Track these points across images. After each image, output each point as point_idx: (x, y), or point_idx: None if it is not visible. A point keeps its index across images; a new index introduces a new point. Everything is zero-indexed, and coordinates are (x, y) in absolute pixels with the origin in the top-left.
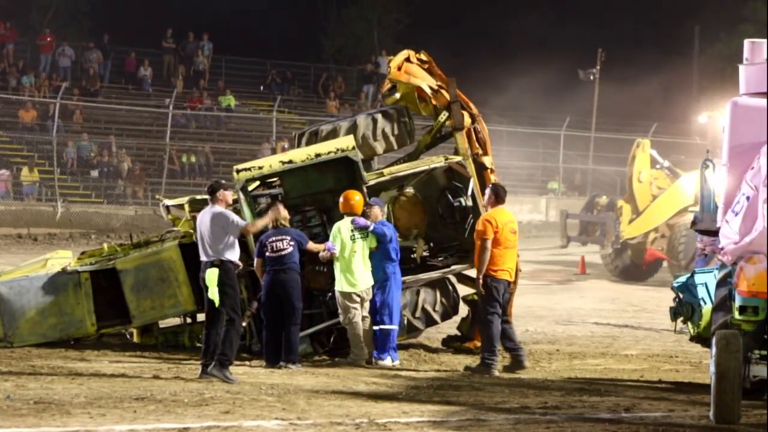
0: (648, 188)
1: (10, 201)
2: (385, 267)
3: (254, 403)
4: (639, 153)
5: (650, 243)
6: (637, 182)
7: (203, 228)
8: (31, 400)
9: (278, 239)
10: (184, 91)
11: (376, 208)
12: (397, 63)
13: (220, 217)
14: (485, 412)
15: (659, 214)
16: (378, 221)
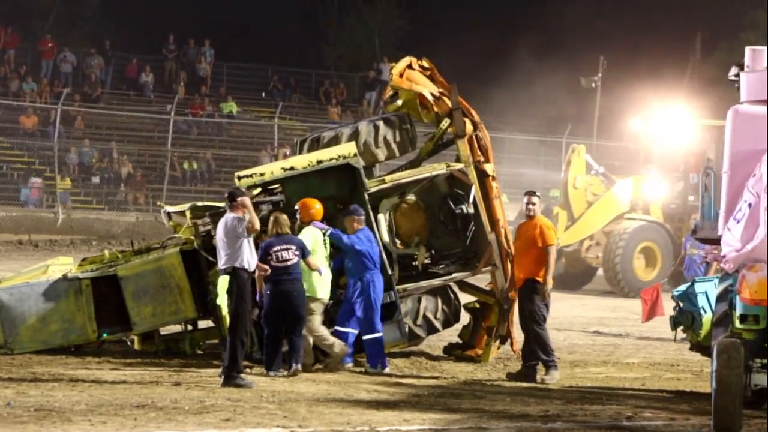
0: (583, 195)
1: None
2: (363, 275)
3: (255, 410)
4: (574, 158)
5: (585, 251)
6: (572, 188)
7: (219, 235)
8: (31, 407)
9: (283, 248)
10: (186, 97)
11: (353, 218)
12: (398, 70)
13: (233, 221)
14: (486, 420)
15: (595, 222)
16: (358, 230)
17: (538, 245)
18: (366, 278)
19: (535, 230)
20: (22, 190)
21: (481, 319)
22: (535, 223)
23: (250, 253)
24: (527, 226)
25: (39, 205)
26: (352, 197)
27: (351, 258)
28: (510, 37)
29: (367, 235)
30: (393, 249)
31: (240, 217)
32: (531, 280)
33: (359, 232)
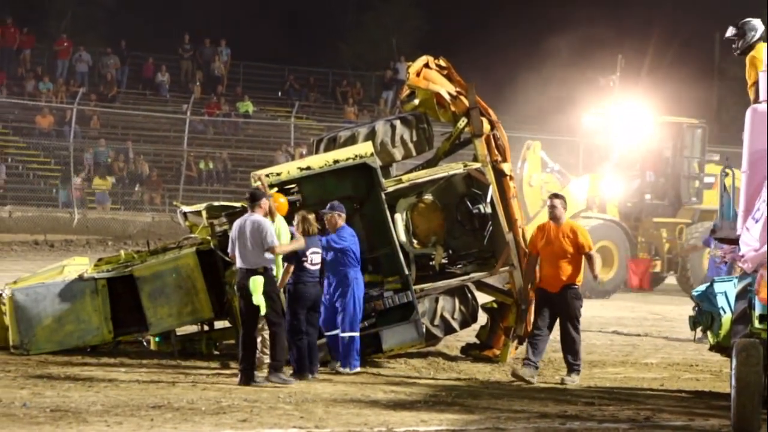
0: (539, 193)
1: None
2: (346, 272)
3: (272, 411)
4: (529, 155)
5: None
6: (527, 186)
7: (244, 235)
8: (47, 407)
9: (315, 252)
10: (202, 96)
11: (336, 215)
12: (415, 69)
13: (260, 228)
14: (504, 421)
15: None
16: (339, 227)
17: (575, 251)
18: (350, 276)
19: (570, 235)
20: (60, 191)
21: (498, 319)
22: (569, 228)
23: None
24: (559, 231)
25: (80, 206)
26: (368, 197)
27: (332, 256)
28: (527, 36)
29: (350, 232)
30: (410, 249)
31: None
32: (571, 285)
33: (340, 230)
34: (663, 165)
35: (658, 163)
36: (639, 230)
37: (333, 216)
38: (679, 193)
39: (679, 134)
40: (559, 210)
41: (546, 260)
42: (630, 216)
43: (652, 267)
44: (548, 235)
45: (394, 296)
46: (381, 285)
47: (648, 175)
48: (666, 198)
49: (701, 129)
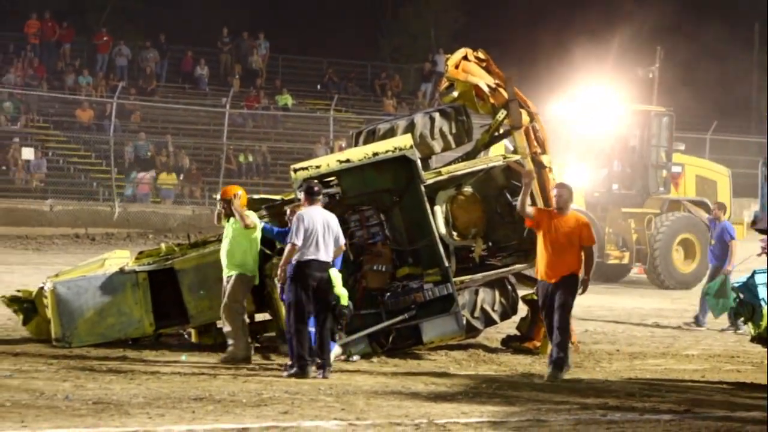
0: None
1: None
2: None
3: (313, 403)
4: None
5: None
6: None
7: (325, 226)
8: (89, 400)
9: None
10: (241, 90)
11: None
12: (454, 61)
13: (337, 224)
14: (545, 413)
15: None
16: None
17: (578, 243)
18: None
19: (575, 227)
20: (126, 185)
21: (538, 310)
22: (573, 219)
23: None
24: (564, 221)
25: (146, 200)
26: (408, 189)
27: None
28: (565, 27)
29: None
30: (450, 241)
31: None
32: (570, 275)
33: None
34: (630, 154)
35: (626, 152)
36: (607, 221)
37: (300, 208)
38: (647, 182)
39: (647, 123)
40: (563, 199)
41: (547, 249)
42: (597, 206)
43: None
44: (552, 222)
45: (434, 288)
46: (421, 277)
47: (615, 164)
48: (634, 188)
49: (668, 117)
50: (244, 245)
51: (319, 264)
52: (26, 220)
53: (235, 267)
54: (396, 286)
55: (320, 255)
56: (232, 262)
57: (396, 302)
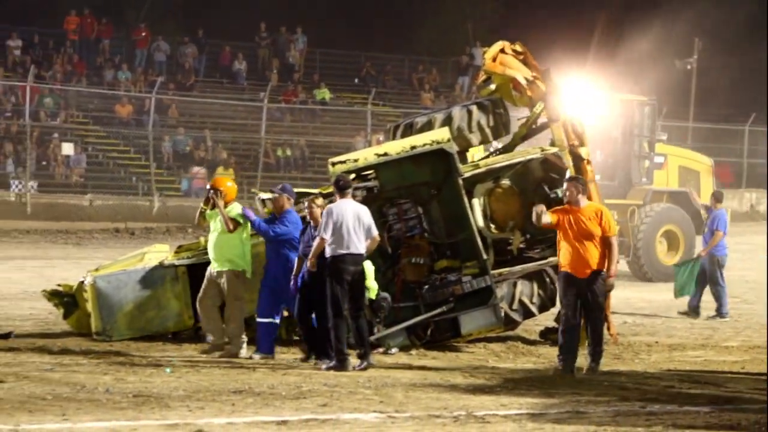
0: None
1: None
2: (288, 257)
3: (352, 396)
4: None
5: None
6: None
7: (357, 220)
8: (130, 393)
9: None
10: (279, 84)
11: (284, 197)
12: (492, 54)
13: (369, 217)
14: (584, 405)
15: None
16: (285, 211)
17: (600, 234)
18: (292, 261)
19: (595, 217)
20: (182, 180)
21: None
22: (592, 210)
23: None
24: (582, 213)
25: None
26: (445, 182)
27: (273, 240)
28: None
29: (294, 218)
30: (488, 234)
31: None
32: (600, 270)
33: (285, 214)
34: (612, 144)
35: (608, 142)
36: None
37: (281, 198)
38: (629, 173)
39: (630, 112)
40: (573, 195)
41: (571, 243)
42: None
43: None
44: (569, 217)
45: (473, 281)
46: (459, 270)
47: (597, 154)
48: (616, 178)
49: (650, 106)
50: (233, 239)
51: (352, 257)
52: (66, 215)
53: (226, 262)
54: (434, 278)
55: (353, 248)
56: (222, 256)
57: (434, 295)
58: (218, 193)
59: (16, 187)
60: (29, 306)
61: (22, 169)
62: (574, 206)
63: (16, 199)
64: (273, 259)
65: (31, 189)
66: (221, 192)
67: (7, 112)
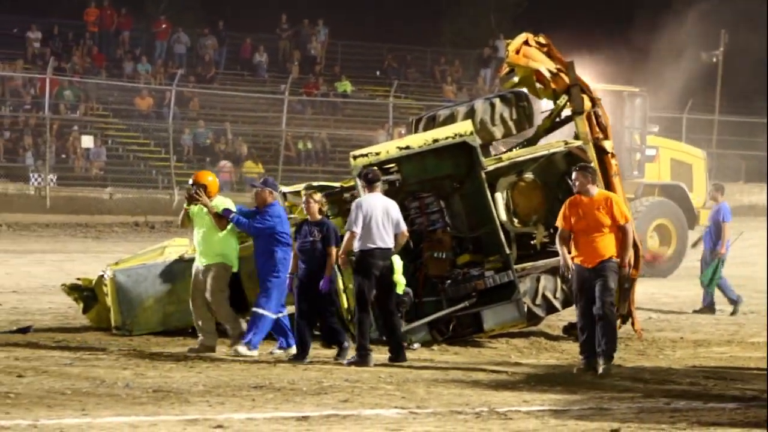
0: None
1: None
2: (273, 251)
3: (373, 391)
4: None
5: None
6: None
7: (385, 214)
8: (149, 388)
9: None
10: (300, 76)
11: (266, 190)
12: (515, 46)
13: (398, 211)
14: (608, 401)
15: None
16: (268, 204)
17: (610, 224)
18: (278, 256)
19: (605, 206)
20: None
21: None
22: (602, 199)
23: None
24: (592, 202)
25: (227, 189)
26: (468, 176)
27: (258, 235)
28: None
29: (278, 211)
30: (511, 228)
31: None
32: (609, 259)
33: (269, 208)
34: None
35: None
36: None
37: (264, 192)
38: (620, 166)
39: (620, 104)
40: (582, 184)
41: (581, 235)
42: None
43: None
44: (581, 208)
45: (495, 276)
46: (482, 264)
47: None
48: None
49: (641, 98)
50: (222, 233)
51: (381, 252)
52: (86, 208)
53: (216, 256)
54: (456, 273)
55: (381, 242)
56: (211, 251)
57: (456, 290)
58: (202, 188)
59: (35, 181)
60: (48, 300)
61: (41, 162)
62: (584, 196)
63: (35, 192)
64: (258, 253)
65: (51, 182)
66: (205, 187)
67: (27, 105)
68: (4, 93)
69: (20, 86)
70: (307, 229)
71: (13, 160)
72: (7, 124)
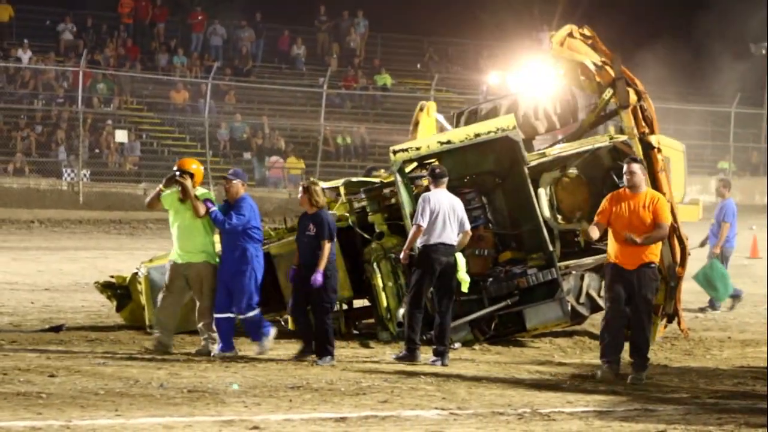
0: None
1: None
2: (245, 248)
3: (413, 392)
4: (423, 118)
5: None
6: None
7: (452, 210)
8: (184, 388)
9: None
10: (339, 69)
11: (238, 183)
12: (559, 39)
13: (463, 209)
14: (653, 402)
15: None
16: (240, 198)
17: (650, 222)
18: (250, 252)
19: (650, 205)
20: (258, 169)
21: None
22: (648, 197)
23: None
24: (637, 200)
25: (279, 185)
26: (511, 171)
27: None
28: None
29: (249, 204)
30: (554, 224)
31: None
32: (649, 263)
33: (240, 201)
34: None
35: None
36: None
37: (236, 184)
38: None
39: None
40: (637, 176)
41: (619, 234)
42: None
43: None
44: (624, 204)
45: (538, 273)
46: (524, 262)
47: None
48: None
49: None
50: (204, 228)
51: (445, 248)
52: (120, 204)
53: (199, 253)
54: (498, 271)
55: (446, 238)
56: (194, 247)
57: (498, 288)
58: (187, 175)
59: (68, 176)
60: (81, 298)
61: (74, 156)
62: (632, 192)
63: (68, 187)
64: (228, 250)
65: (84, 177)
66: (192, 175)
67: (60, 98)
68: (36, 86)
69: (53, 79)
70: (305, 223)
71: (46, 155)
72: (39, 118)
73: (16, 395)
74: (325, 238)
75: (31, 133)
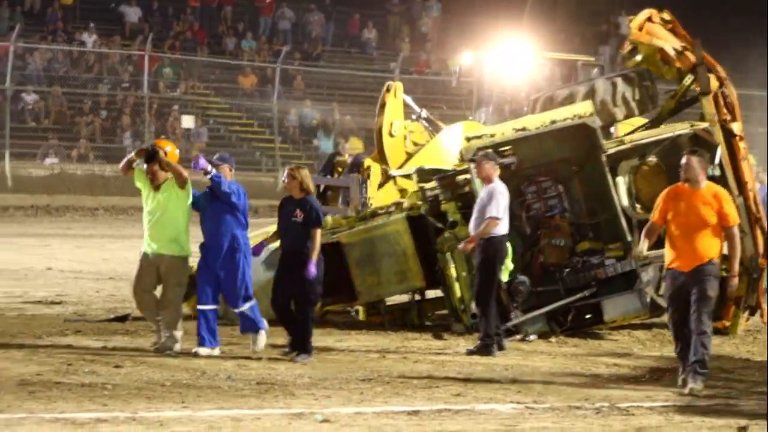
0: (402, 144)
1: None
2: (235, 234)
3: (487, 385)
4: (390, 99)
5: None
6: (387, 136)
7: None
8: (253, 380)
9: None
10: (411, 54)
11: (226, 167)
12: (638, 23)
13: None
14: (736, 397)
15: None
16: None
17: (717, 222)
18: (239, 240)
19: (712, 202)
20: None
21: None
22: (710, 194)
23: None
24: (698, 196)
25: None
26: (588, 159)
27: (219, 213)
28: None
29: (239, 189)
30: (633, 214)
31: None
32: (709, 262)
33: (231, 184)
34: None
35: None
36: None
37: (224, 168)
38: None
39: (573, 75)
40: (695, 170)
41: (678, 233)
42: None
43: None
44: (682, 201)
45: (616, 264)
46: (602, 252)
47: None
48: None
49: (598, 69)
50: (177, 217)
51: (504, 239)
52: None
53: (171, 243)
54: (575, 261)
55: (502, 230)
56: (164, 237)
57: (575, 279)
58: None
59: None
60: None
61: (140, 143)
62: (691, 186)
63: None
64: (214, 235)
65: None
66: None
67: (125, 83)
68: (101, 71)
69: (117, 63)
70: (290, 208)
71: (111, 140)
72: (104, 104)
73: (80, 386)
74: (314, 225)
75: (96, 118)
